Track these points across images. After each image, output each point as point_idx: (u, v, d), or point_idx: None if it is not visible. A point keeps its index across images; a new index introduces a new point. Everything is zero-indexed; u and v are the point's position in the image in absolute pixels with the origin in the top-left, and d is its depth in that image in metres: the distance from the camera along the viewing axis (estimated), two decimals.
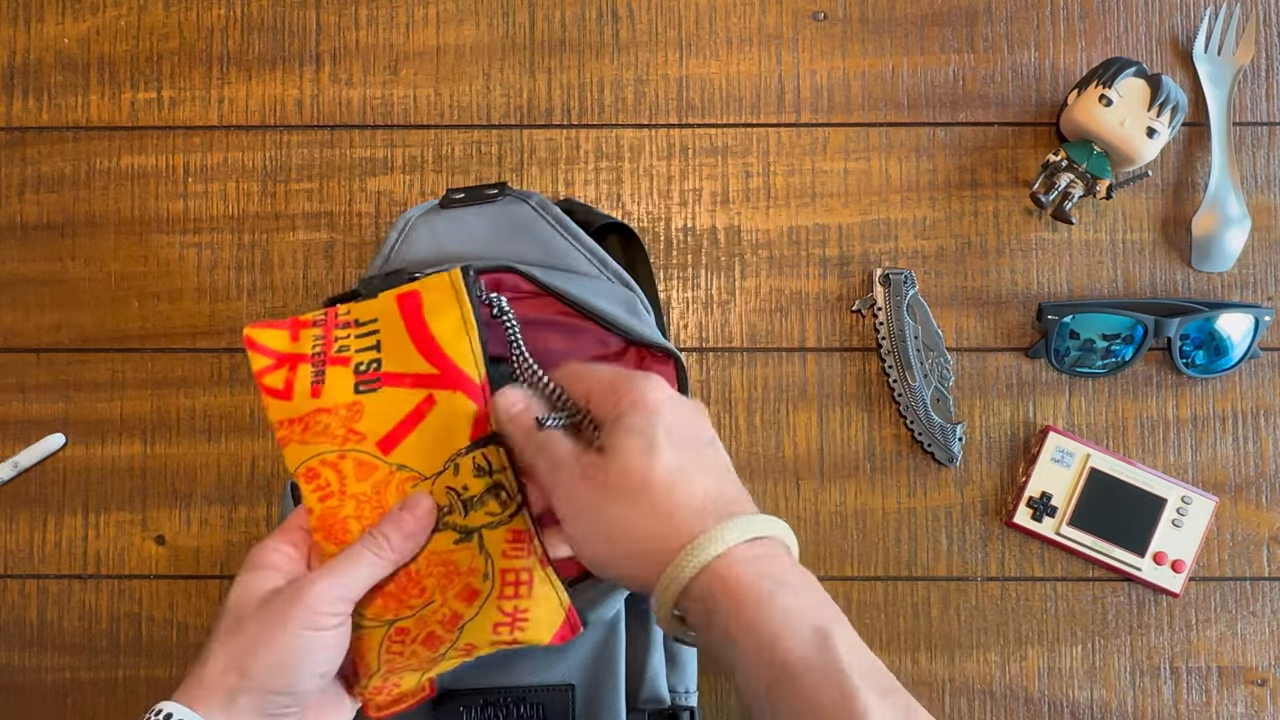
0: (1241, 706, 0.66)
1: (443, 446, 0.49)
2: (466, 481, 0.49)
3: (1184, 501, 0.66)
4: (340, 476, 0.49)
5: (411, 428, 0.49)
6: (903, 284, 0.67)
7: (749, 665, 0.40)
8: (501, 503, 0.49)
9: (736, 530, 0.42)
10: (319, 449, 0.49)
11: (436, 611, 0.49)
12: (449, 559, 0.49)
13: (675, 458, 0.43)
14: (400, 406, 0.49)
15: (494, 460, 0.48)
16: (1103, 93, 0.64)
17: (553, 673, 0.56)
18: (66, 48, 0.70)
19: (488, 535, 0.49)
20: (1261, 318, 0.67)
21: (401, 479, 0.49)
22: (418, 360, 0.49)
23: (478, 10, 0.70)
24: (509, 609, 0.49)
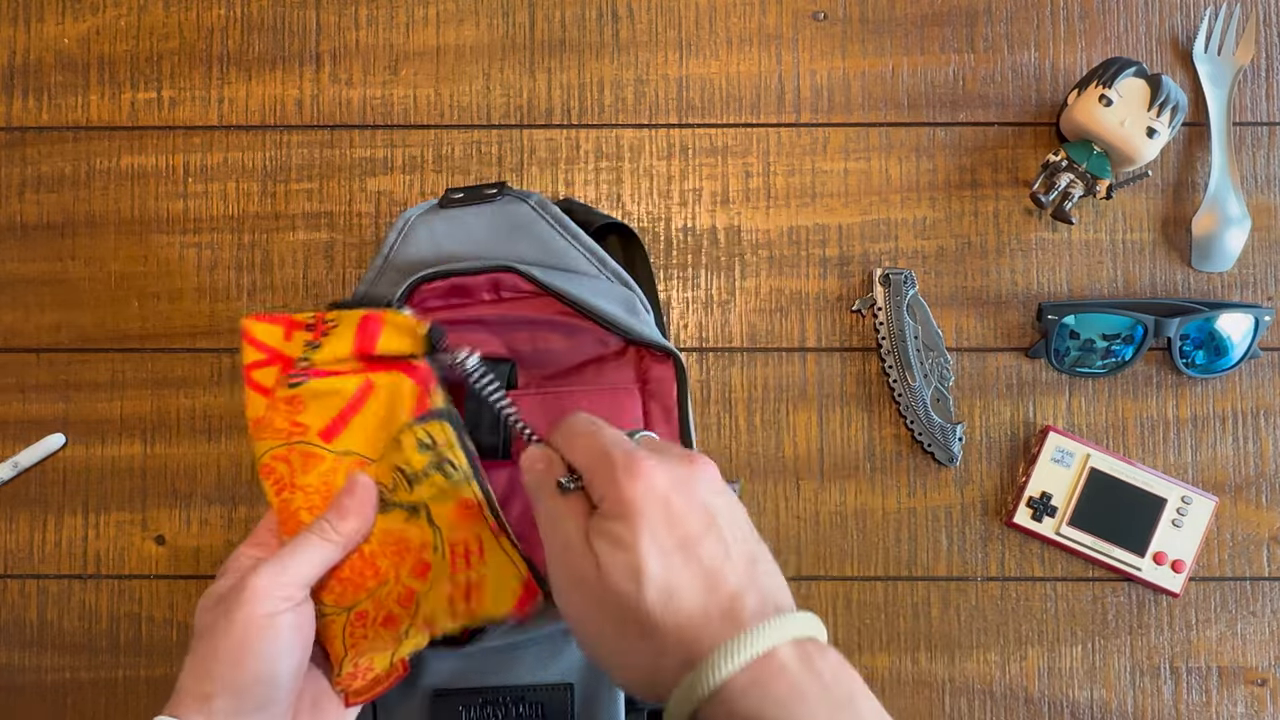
0: (1241, 706, 0.66)
1: (386, 429, 0.50)
2: (409, 457, 0.49)
3: (1184, 501, 0.66)
4: (290, 469, 0.50)
5: (352, 414, 0.50)
6: (903, 284, 0.67)
7: None
8: (446, 476, 0.49)
9: (729, 659, 0.37)
10: (270, 444, 0.51)
11: (391, 591, 0.50)
12: (400, 536, 0.50)
13: (662, 573, 0.39)
14: (339, 395, 0.50)
15: (438, 436, 0.49)
16: (1103, 93, 0.64)
17: (551, 672, 0.56)
18: (66, 48, 0.70)
19: (434, 508, 0.49)
20: (1261, 318, 0.67)
21: (349, 464, 0.50)
22: (349, 361, 0.50)
23: (478, 10, 0.70)
24: (461, 580, 0.49)
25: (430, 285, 0.58)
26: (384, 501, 0.50)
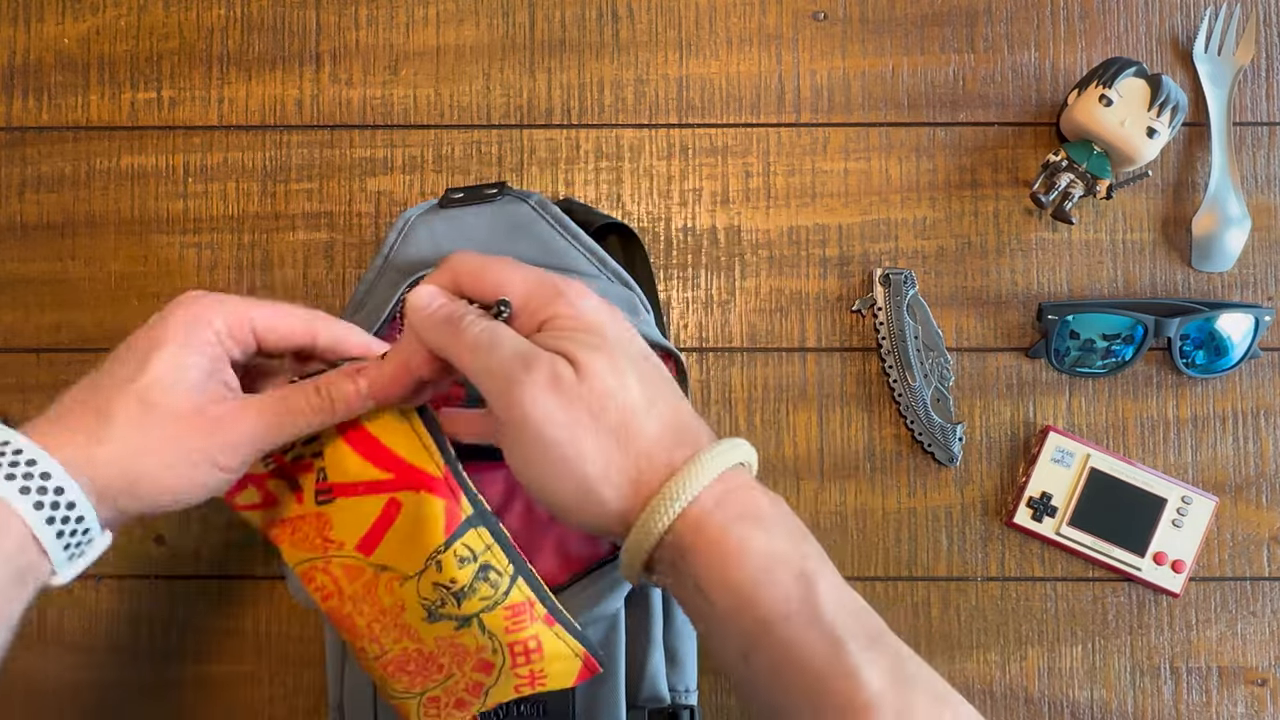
0: (1241, 706, 0.66)
1: (420, 546, 0.47)
2: (453, 575, 0.47)
3: (1184, 501, 0.66)
4: (334, 580, 0.50)
5: (384, 531, 0.48)
6: (903, 284, 0.67)
7: (725, 624, 0.38)
8: (492, 584, 0.47)
9: (705, 470, 0.39)
10: (307, 555, 0.50)
11: (459, 683, 0.50)
12: (455, 643, 0.49)
13: (638, 385, 0.40)
14: (366, 513, 0.48)
15: (475, 545, 0.47)
16: (1103, 93, 0.64)
17: None
18: (66, 48, 0.70)
19: (486, 618, 0.48)
20: (1261, 318, 0.67)
21: (387, 579, 0.49)
22: (366, 467, 0.48)
23: (478, 10, 0.70)
24: (525, 673, 0.49)
25: None
26: (432, 614, 0.49)
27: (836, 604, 0.37)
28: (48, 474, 0.40)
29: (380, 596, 0.49)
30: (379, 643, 0.50)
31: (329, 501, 0.48)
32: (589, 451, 0.39)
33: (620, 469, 0.39)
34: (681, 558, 0.39)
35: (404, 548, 0.48)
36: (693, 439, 0.41)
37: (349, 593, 0.49)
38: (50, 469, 0.40)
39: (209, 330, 0.44)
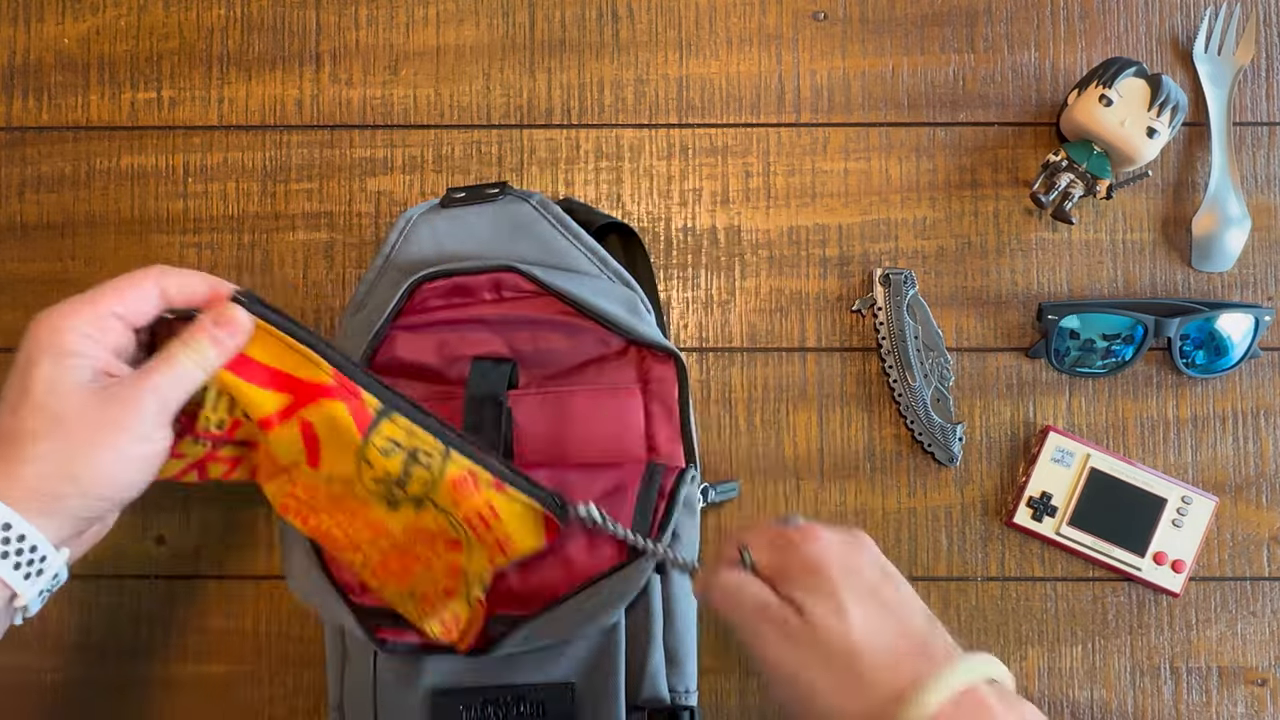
0: (1241, 706, 0.66)
1: (345, 451, 0.49)
2: (384, 468, 0.49)
3: (1184, 501, 0.66)
4: (304, 500, 0.52)
5: (316, 446, 0.50)
6: (903, 284, 0.67)
7: None
8: (425, 465, 0.49)
9: (933, 693, 0.41)
10: (279, 485, 0.52)
11: (437, 570, 0.51)
12: (418, 526, 0.51)
13: (861, 611, 0.44)
14: (292, 438, 0.49)
15: (396, 435, 0.49)
16: (1103, 93, 0.65)
17: (553, 671, 0.56)
18: (66, 48, 0.70)
19: (434, 496, 0.49)
20: (1261, 318, 0.67)
21: (340, 485, 0.50)
22: (268, 396, 0.49)
23: (478, 10, 0.70)
24: (491, 540, 0.50)
25: (431, 284, 0.59)
26: (390, 501, 0.50)
27: None
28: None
29: (344, 502, 0.51)
30: (361, 550, 0.51)
31: (267, 434, 0.50)
32: (821, 686, 0.43)
33: (846, 703, 0.43)
34: None
35: (336, 456, 0.49)
36: (932, 652, 0.44)
37: (320, 507, 0.51)
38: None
39: (72, 334, 0.45)
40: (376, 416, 0.48)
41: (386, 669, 0.56)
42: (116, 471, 0.45)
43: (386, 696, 0.56)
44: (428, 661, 0.55)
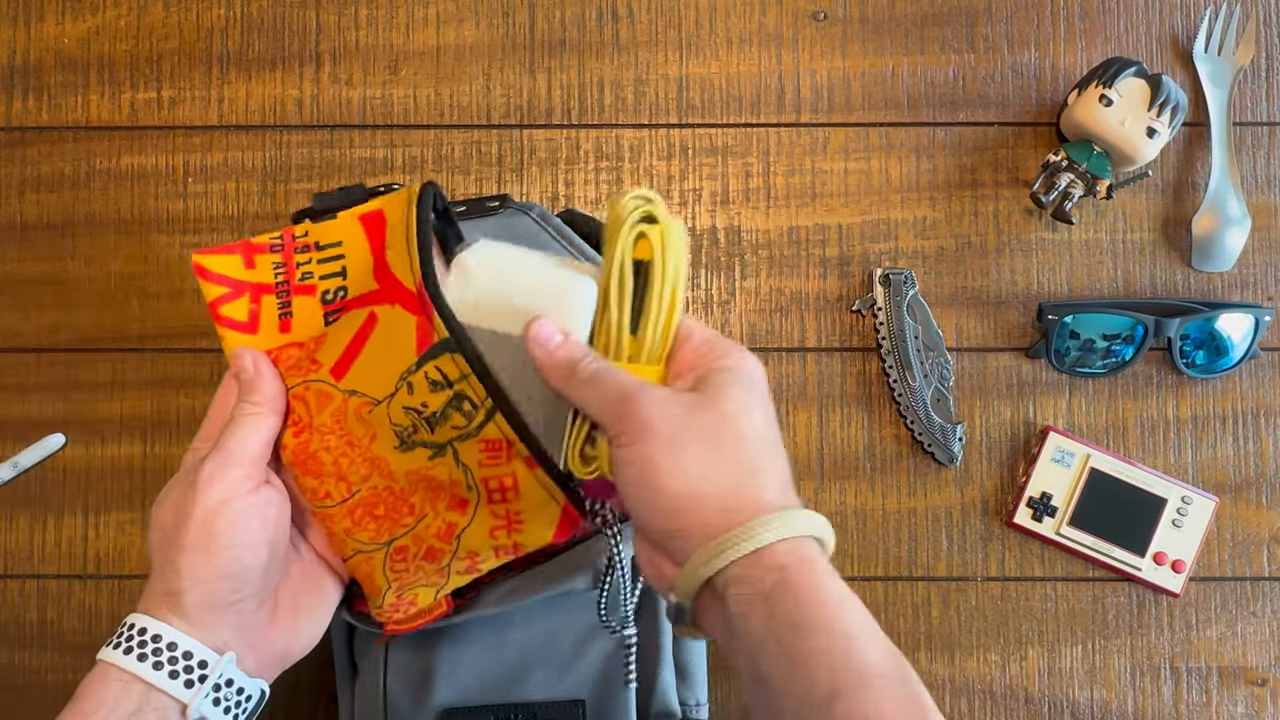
0: (1241, 706, 0.66)
1: (392, 366, 0.47)
2: (424, 398, 0.46)
3: (1184, 501, 0.66)
4: (307, 409, 0.49)
5: (358, 351, 0.48)
6: (903, 284, 0.67)
7: (812, 663, 0.38)
8: (465, 414, 0.46)
9: (813, 520, 0.41)
10: (291, 381, 0.49)
11: (430, 525, 0.49)
12: (428, 475, 0.48)
13: (766, 428, 0.43)
14: (348, 328, 0.48)
15: (449, 371, 0.46)
16: (1103, 93, 0.64)
17: (562, 688, 0.55)
18: (66, 48, 0.70)
19: (460, 448, 0.47)
20: (1261, 318, 0.67)
21: (356, 405, 0.48)
22: (369, 276, 0.48)
23: (478, 10, 0.70)
24: (501, 513, 0.48)
25: None
26: (405, 441, 0.48)
27: (916, 678, 0.39)
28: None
29: (350, 425, 0.48)
30: (346, 481, 0.48)
31: (337, 320, 0.48)
32: (696, 457, 0.41)
33: (728, 483, 0.41)
34: (777, 584, 0.39)
35: (375, 371, 0.47)
36: (793, 499, 0.42)
37: (318, 423, 0.48)
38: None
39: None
40: (440, 344, 0.46)
41: (396, 687, 0.56)
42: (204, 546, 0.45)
43: (397, 715, 0.56)
44: (437, 680, 0.55)
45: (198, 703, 0.44)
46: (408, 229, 0.47)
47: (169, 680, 0.44)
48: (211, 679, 0.44)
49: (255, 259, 0.49)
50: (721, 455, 0.41)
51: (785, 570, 0.39)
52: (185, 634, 0.44)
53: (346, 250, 0.49)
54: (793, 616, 0.38)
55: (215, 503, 0.45)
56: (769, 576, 0.39)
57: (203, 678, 0.44)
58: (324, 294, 0.49)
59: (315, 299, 0.49)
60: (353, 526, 0.49)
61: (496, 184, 0.69)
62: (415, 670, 0.55)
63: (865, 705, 0.37)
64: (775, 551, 0.39)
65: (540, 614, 0.56)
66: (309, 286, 0.49)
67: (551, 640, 0.55)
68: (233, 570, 0.45)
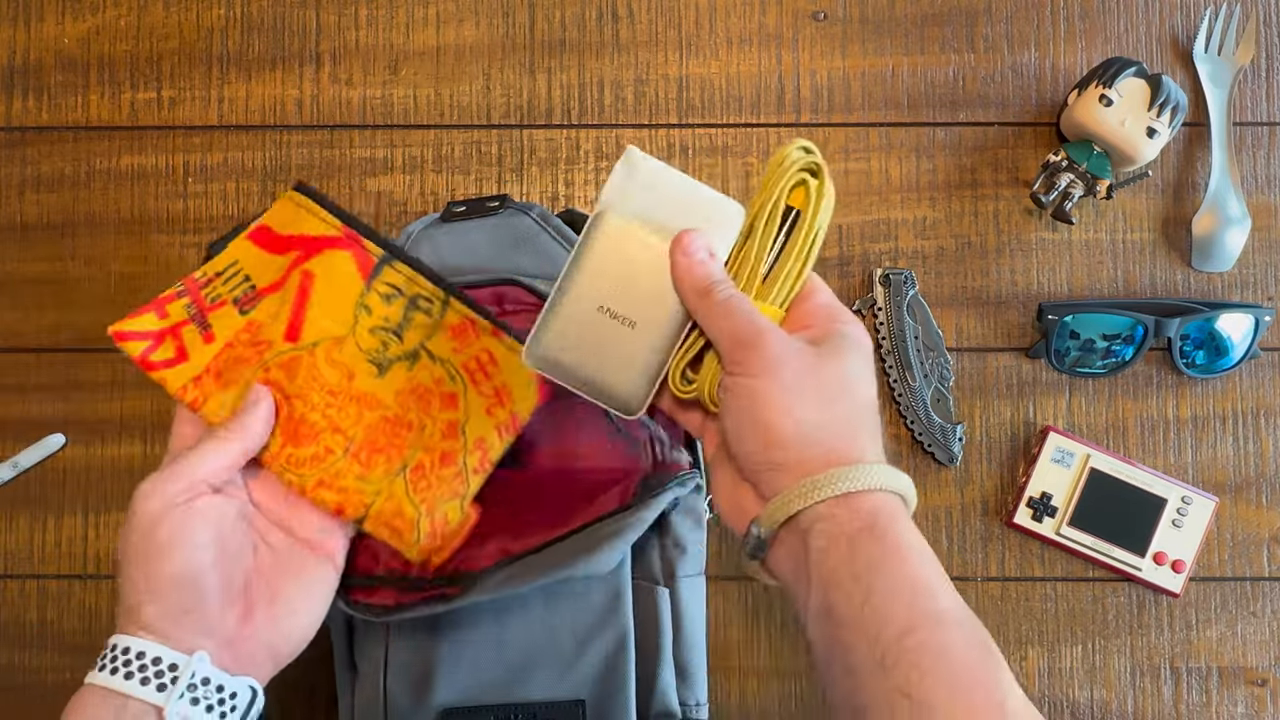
0: (1241, 706, 0.66)
1: (343, 301, 0.51)
2: (384, 313, 0.51)
3: (1184, 501, 0.66)
4: (279, 385, 0.51)
5: (303, 306, 0.51)
6: (903, 284, 0.67)
7: (889, 601, 0.40)
8: (425, 311, 0.51)
9: (907, 483, 0.43)
10: (244, 377, 0.51)
11: (433, 432, 0.51)
12: (413, 386, 0.51)
13: (873, 397, 0.45)
14: (284, 300, 0.51)
15: (397, 281, 0.51)
16: (1103, 93, 0.64)
17: (562, 688, 0.55)
18: (66, 48, 0.70)
19: (431, 346, 0.51)
20: (1261, 318, 0.67)
21: (324, 352, 0.51)
22: (275, 260, 0.52)
23: (478, 10, 0.70)
24: (489, 391, 0.51)
25: None
26: (380, 364, 0.51)
27: (988, 636, 0.41)
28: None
29: (326, 376, 0.51)
30: (341, 431, 0.50)
31: (254, 307, 0.51)
32: (808, 401, 0.43)
33: (831, 430, 0.43)
34: (864, 527, 0.41)
35: (329, 312, 0.51)
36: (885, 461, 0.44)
37: (292, 390, 0.50)
38: None
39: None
40: (380, 262, 0.51)
41: (396, 687, 0.56)
42: (158, 560, 0.46)
43: (397, 715, 0.56)
44: (437, 680, 0.55)
45: (173, 704, 0.44)
46: (299, 204, 0.52)
47: (140, 686, 0.44)
48: (184, 680, 0.45)
49: (167, 309, 0.52)
50: (835, 408, 0.43)
51: (873, 515, 0.41)
52: (152, 642, 0.45)
53: (243, 264, 0.52)
54: (873, 558, 0.40)
55: (155, 512, 0.46)
56: (856, 520, 0.41)
57: (175, 679, 0.45)
58: (235, 299, 0.52)
59: (229, 307, 0.52)
60: (364, 470, 0.50)
61: (496, 184, 0.69)
62: (415, 670, 0.55)
63: (938, 639, 0.39)
64: (866, 498, 0.41)
65: (541, 613, 0.56)
66: (220, 303, 0.52)
67: (552, 640, 0.55)
68: (183, 575, 0.46)
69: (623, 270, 0.48)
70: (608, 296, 0.48)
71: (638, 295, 0.47)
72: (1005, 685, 0.39)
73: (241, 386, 0.50)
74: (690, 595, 0.58)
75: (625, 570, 0.57)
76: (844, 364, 0.44)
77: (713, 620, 0.63)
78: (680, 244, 0.46)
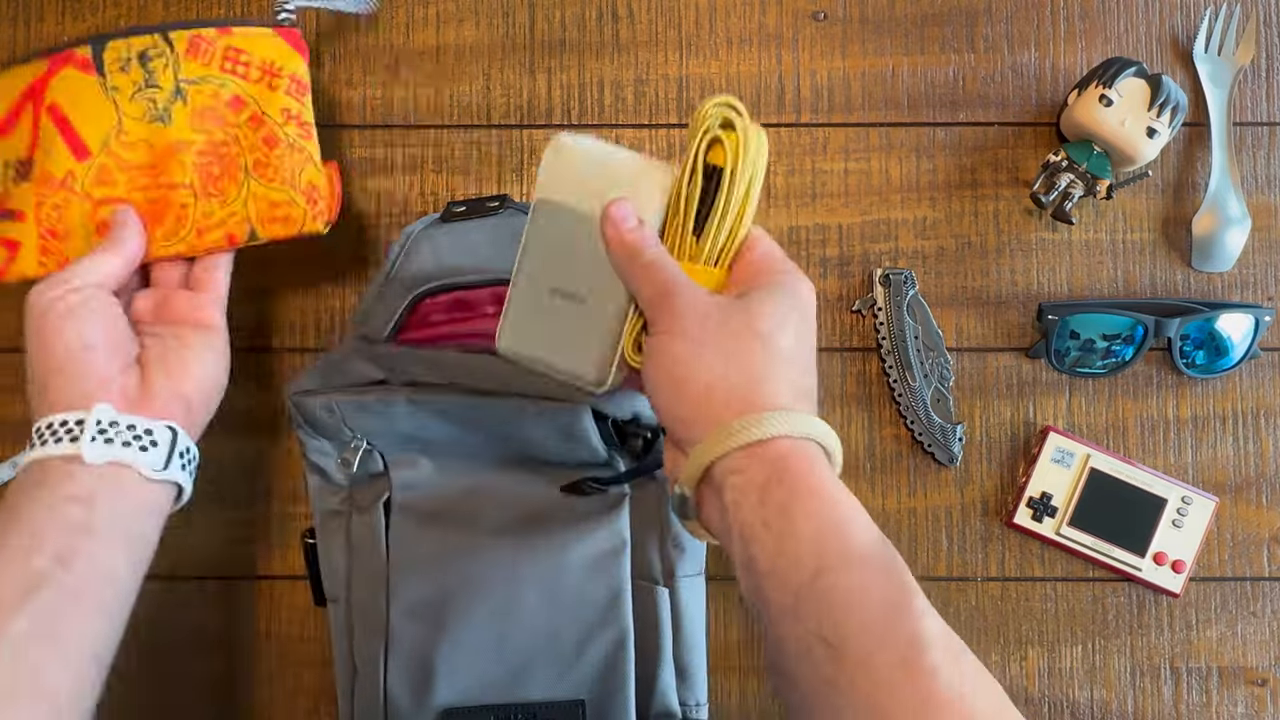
0: (1241, 707, 0.66)
1: (94, 99, 0.56)
2: (130, 80, 0.56)
3: (1184, 501, 0.66)
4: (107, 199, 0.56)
5: (70, 128, 0.56)
6: (903, 284, 0.67)
7: (798, 547, 0.39)
8: (157, 55, 0.57)
9: (816, 425, 0.43)
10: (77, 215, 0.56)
11: (245, 131, 0.57)
12: (199, 111, 0.57)
13: (795, 344, 0.44)
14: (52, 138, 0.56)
15: (120, 51, 0.57)
16: (1103, 93, 0.64)
17: (562, 688, 0.55)
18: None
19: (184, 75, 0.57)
20: (1261, 318, 0.67)
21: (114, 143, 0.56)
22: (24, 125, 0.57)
23: (478, 10, 0.70)
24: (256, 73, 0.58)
25: (433, 299, 0.58)
26: (161, 117, 0.56)
27: (904, 566, 0.40)
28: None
29: (132, 159, 0.56)
30: (180, 186, 0.56)
31: (30, 168, 0.57)
32: (723, 352, 0.43)
33: (744, 378, 0.43)
34: (776, 474, 0.41)
35: (90, 116, 0.56)
36: (807, 409, 0.44)
37: (120, 191, 0.56)
38: None
39: None
40: (94, 51, 0.57)
41: (397, 687, 0.56)
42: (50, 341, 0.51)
43: (397, 715, 0.56)
44: (438, 679, 0.55)
45: (87, 447, 0.48)
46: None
47: (53, 446, 0.48)
48: (89, 428, 0.48)
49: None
50: (741, 359, 0.43)
51: (782, 463, 0.41)
52: (58, 413, 0.49)
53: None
54: (782, 505, 0.40)
55: (44, 304, 0.51)
56: (765, 469, 0.41)
57: (81, 425, 0.48)
58: (12, 178, 0.57)
59: (9, 185, 0.57)
60: (221, 197, 0.57)
61: (496, 184, 0.69)
62: (415, 670, 0.55)
63: (846, 579, 0.39)
64: (773, 446, 0.41)
65: (541, 614, 0.56)
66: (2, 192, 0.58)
67: (552, 640, 0.55)
68: (75, 346, 0.50)
69: (565, 251, 0.49)
70: (556, 279, 0.49)
71: (583, 272, 0.48)
72: (918, 613, 0.38)
73: (82, 222, 0.56)
74: (690, 595, 0.59)
75: (625, 570, 0.57)
76: (759, 313, 0.44)
77: (713, 620, 0.63)
78: (607, 215, 0.47)
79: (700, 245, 0.47)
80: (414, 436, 0.57)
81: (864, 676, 0.37)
